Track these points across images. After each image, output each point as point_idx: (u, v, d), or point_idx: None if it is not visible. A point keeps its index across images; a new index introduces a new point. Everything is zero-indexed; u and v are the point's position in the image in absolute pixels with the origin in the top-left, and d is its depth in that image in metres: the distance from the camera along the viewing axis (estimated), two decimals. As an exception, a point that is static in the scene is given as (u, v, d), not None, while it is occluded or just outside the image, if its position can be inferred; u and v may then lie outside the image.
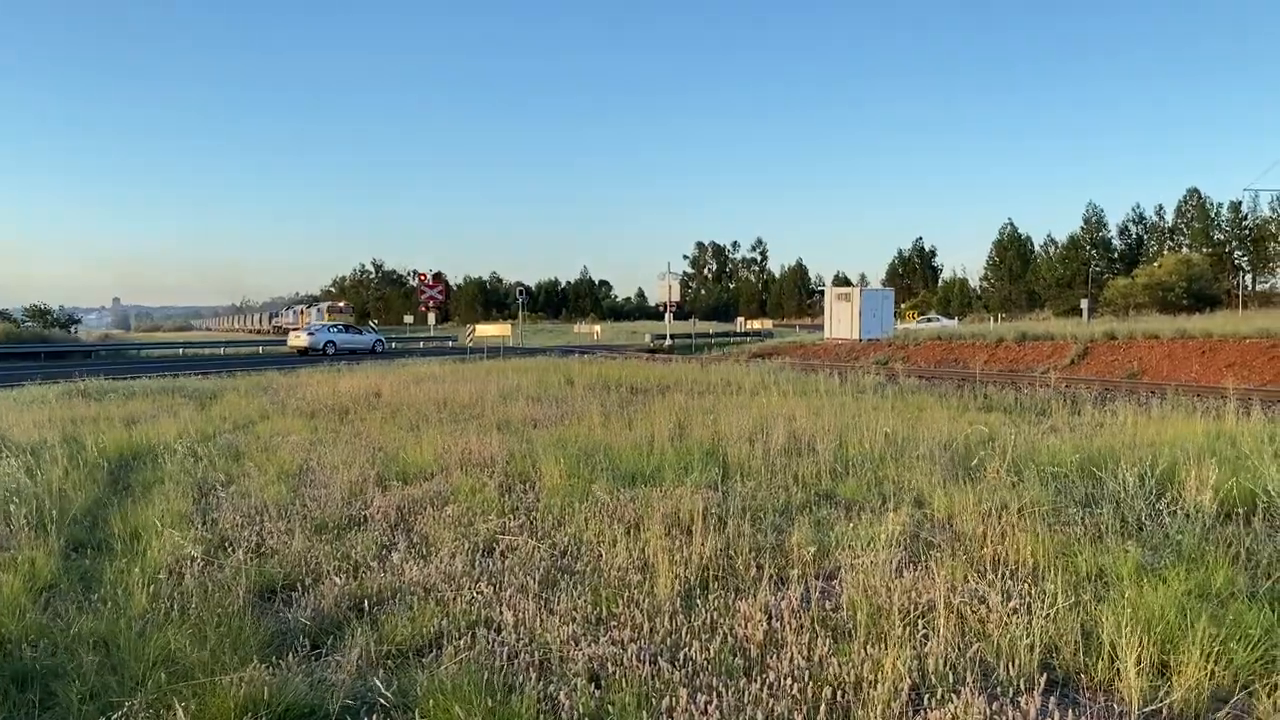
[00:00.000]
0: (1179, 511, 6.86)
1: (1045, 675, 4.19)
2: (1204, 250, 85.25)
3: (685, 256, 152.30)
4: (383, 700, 4.16)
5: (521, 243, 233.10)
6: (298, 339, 48.16)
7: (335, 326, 52.18)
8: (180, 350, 49.96)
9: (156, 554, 6.51)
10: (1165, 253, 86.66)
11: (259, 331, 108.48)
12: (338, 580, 5.97)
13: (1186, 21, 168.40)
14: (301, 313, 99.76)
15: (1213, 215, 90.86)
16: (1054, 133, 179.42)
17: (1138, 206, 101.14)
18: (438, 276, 57.40)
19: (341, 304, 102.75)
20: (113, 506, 8.35)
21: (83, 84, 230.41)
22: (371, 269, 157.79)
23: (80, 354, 44.94)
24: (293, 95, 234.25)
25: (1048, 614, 4.82)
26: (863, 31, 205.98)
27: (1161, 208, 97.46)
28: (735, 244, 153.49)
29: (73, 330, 57.51)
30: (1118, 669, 4.29)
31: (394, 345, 53.28)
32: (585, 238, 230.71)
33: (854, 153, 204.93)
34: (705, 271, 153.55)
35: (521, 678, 4.36)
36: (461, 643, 4.82)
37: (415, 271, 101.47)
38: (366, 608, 5.39)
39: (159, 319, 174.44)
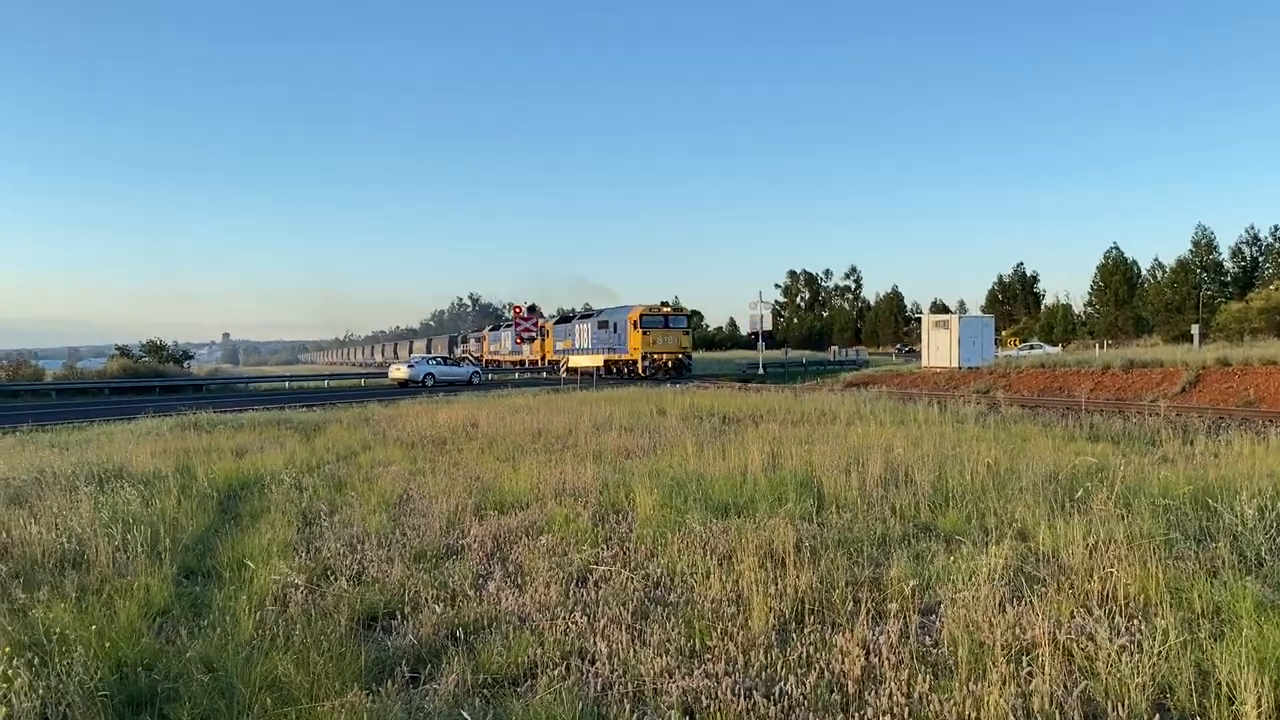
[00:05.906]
0: (1303, 546, 6.50)
1: (1158, 716, 4.01)
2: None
3: (777, 285, 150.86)
4: (479, 728, 4.21)
5: (613, 273, 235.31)
6: (398, 371, 49.46)
7: (434, 359, 53.24)
8: (286, 384, 51.62)
9: (263, 581, 6.72)
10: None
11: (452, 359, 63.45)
12: (436, 609, 6.08)
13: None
14: (551, 331, 63.99)
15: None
16: (1161, 152, 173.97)
17: (1252, 228, 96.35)
18: (532, 309, 57.85)
19: (667, 309, 51.47)
20: (222, 535, 8.67)
21: (185, 133, 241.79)
22: (468, 302, 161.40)
23: (192, 388, 47.10)
24: (388, 129, 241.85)
25: (1160, 652, 4.62)
26: (957, 54, 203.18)
27: (1277, 228, 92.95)
28: (828, 271, 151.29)
29: (186, 365, 59.94)
30: (1236, 710, 4.08)
31: (490, 377, 54.18)
32: (677, 268, 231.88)
33: (951, 178, 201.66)
34: (798, 300, 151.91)
35: (615, 709, 4.37)
36: (556, 672, 4.85)
37: (510, 304, 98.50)
38: (463, 636, 5.48)
39: (266, 354, 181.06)
